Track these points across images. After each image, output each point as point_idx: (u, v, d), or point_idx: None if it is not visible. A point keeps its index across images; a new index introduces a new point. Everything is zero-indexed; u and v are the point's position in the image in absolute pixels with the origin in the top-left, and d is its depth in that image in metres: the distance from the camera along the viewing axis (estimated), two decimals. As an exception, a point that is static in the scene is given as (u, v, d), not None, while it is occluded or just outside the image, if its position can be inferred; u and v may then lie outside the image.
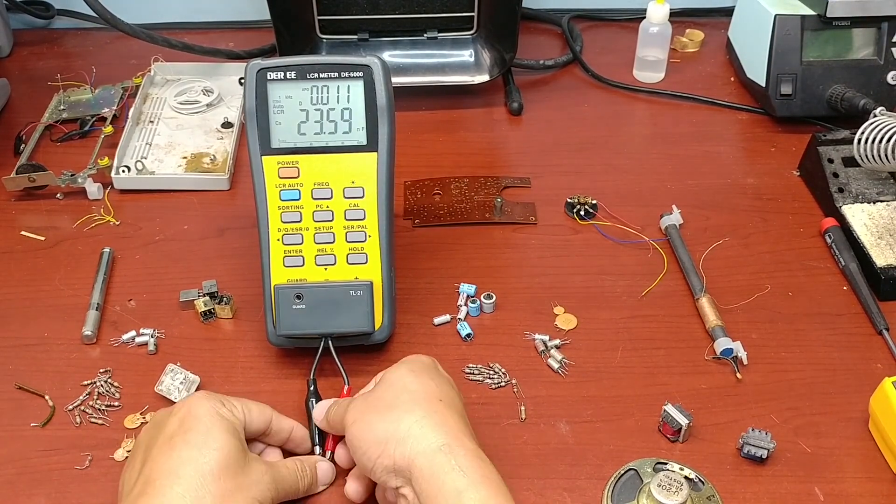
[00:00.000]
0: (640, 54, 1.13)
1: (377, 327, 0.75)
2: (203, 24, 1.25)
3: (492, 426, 0.73)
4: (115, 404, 0.74)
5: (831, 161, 0.92)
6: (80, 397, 0.74)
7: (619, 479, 0.68)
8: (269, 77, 0.74)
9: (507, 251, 0.89)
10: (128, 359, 0.78)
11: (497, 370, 0.77)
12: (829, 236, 0.88)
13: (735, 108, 1.09)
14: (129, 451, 0.70)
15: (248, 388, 0.75)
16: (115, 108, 1.04)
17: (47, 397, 0.74)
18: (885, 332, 0.80)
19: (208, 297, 0.81)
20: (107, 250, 0.87)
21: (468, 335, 0.80)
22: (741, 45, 1.12)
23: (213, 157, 0.98)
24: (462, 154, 1.02)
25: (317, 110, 0.74)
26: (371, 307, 0.74)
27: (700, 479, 0.67)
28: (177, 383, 0.74)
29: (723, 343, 0.77)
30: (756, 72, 1.06)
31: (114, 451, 0.70)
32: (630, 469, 0.68)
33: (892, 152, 0.84)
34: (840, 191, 0.91)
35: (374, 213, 0.75)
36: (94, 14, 1.04)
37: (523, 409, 0.74)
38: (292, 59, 0.74)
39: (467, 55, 1.10)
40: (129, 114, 1.02)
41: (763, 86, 1.04)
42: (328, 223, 0.75)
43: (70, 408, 0.74)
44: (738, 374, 0.76)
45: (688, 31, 1.22)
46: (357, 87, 0.74)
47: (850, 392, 0.75)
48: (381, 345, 0.78)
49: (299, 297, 0.73)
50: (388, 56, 1.09)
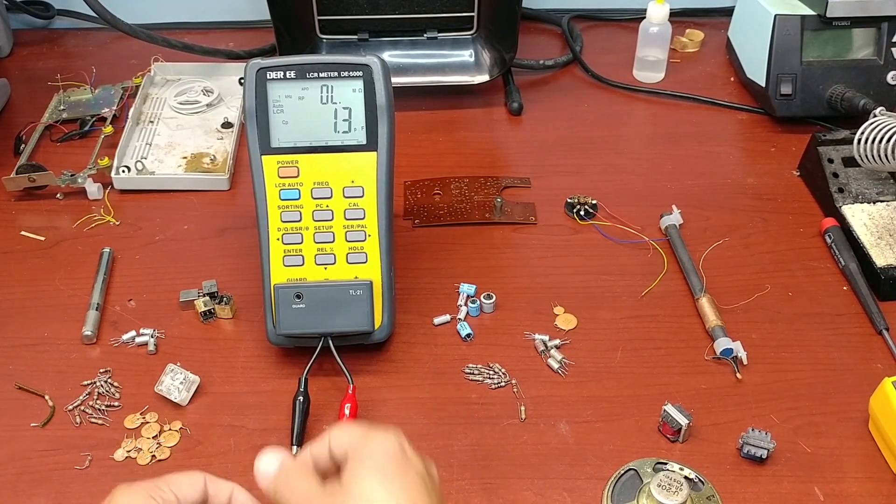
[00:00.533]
0: (640, 54, 1.13)
1: (377, 327, 0.75)
2: (203, 24, 1.25)
3: (492, 426, 0.73)
4: (115, 404, 0.74)
5: (831, 161, 0.92)
6: (80, 397, 0.74)
7: (619, 479, 0.68)
8: (268, 77, 0.74)
9: (507, 251, 0.89)
10: (128, 359, 0.78)
11: (497, 370, 0.77)
12: (829, 236, 0.88)
13: (735, 108, 1.09)
14: (129, 451, 0.70)
15: (247, 388, 0.75)
16: (115, 108, 1.04)
17: (47, 397, 0.74)
18: (885, 332, 0.80)
19: (208, 297, 0.81)
20: (107, 250, 0.87)
21: (468, 335, 0.80)
22: (741, 45, 1.12)
23: (213, 157, 0.98)
24: (462, 154, 1.02)
25: (316, 110, 0.74)
26: (371, 306, 0.74)
27: (700, 479, 0.67)
28: (177, 383, 0.74)
29: (723, 343, 0.77)
30: (756, 72, 1.06)
31: (114, 452, 0.70)
32: (630, 469, 0.68)
33: (892, 152, 0.84)
34: (840, 191, 0.91)
35: (373, 213, 0.75)
36: (94, 14, 1.04)
37: (523, 409, 0.74)
38: (292, 58, 0.74)
39: (467, 55, 1.10)
40: (129, 114, 1.02)
41: (763, 86, 1.04)
42: (328, 223, 0.75)
43: (70, 408, 0.74)
44: (738, 374, 0.76)
45: (688, 31, 1.22)
46: (357, 87, 0.74)
47: (850, 392, 0.75)
48: (380, 344, 0.78)
49: (299, 297, 0.73)
50: (388, 56, 1.09)
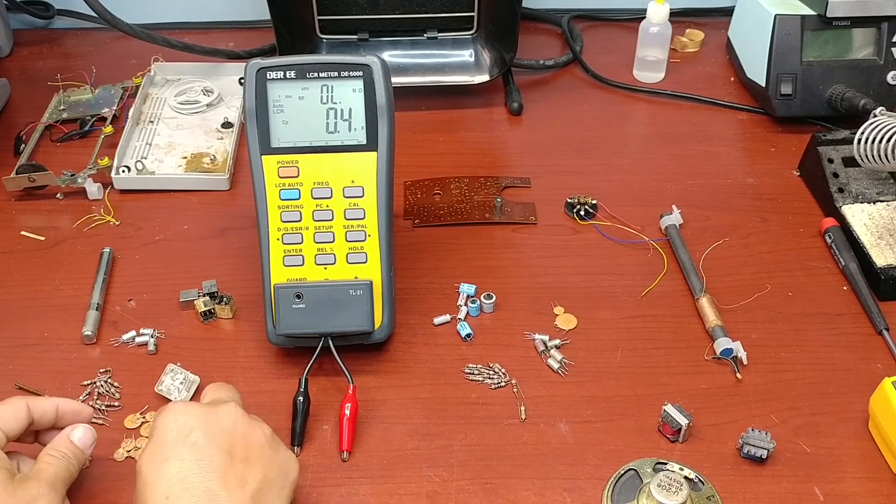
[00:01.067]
0: (640, 54, 1.13)
1: (377, 327, 0.75)
2: (203, 24, 1.25)
3: (492, 426, 0.73)
4: (115, 404, 0.74)
5: (831, 161, 0.92)
6: (80, 397, 0.74)
7: (619, 479, 0.68)
8: (268, 76, 0.74)
9: (507, 251, 0.89)
10: (128, 359, 0.78)
11: (497, 370, 0.77)
12: (829, 236, 0.88)
13: (735, 108, 1.09)
14: (129, 451, 0.70)
15: (248, 388, 0.75)
16: (115, 108, 1.04)
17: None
18: (885, 332, 0.80)
19: (208, 297, 0.81)
20: (107, 250, 0.87)
21: (468, 335, 0.80)
22: (741, 45, 1.12)
23: (213, 157, 0.98)
24: (462, 154, 1.02)
25: (316, 110, 0.74)
26: (371, 306, 0.74)
27: (700, 479, 0.67)
28: (177, 383, 0.74)
29: (723, 343, 0.77)
30: (756, 72, 1.06)
31: (114, 451, 0.70)
32: (630, 469, 0.68)
33: (892, 152, 0.84)
34: (840, 191, 0.91)
35: (373, 213, 0.75)
36: (94, 14, 1.04)
37: (523, 409, 0.74)
38: (292, 58, 0.74)
39: (467, 55, 1.10)
40: (129, 114, 1.02)
41: (763, 86, 1.04)
42: (328, 222, 0.75)
43: (70, 408, 0.74)
44: (738, 374, 0.76)
45: (688, 31, 1.22)
46: (357, 87, 0.74)
47: (850, 392, 0.75)
48: (380, 344, 0.78)
49: (299, 297, 0.73)
50: (388, 56, 1.09)
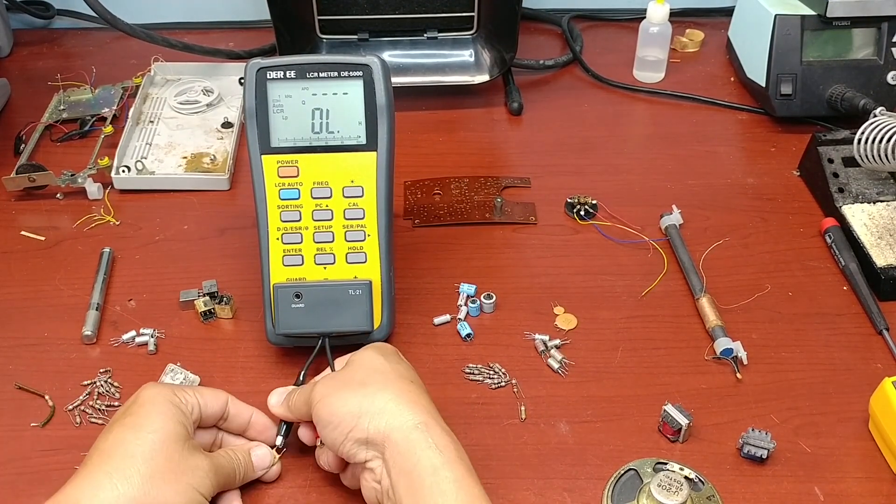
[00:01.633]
0: (640, 54, 1.13)
1: (376, 326, 0.75)
2: (203, 24, 1.25)
3: (492, 426, 0.73)
4: (116, 404, 0.74)
5: (831, 161, 0.92)
6: (80, 397, 0.74)
7: (619, 479, 0.68)
8: (268, 76, 0.74)
9: (507, 251, 0.89)
10: (128, 359, 0.78)
11: (497, 370, 0.77)
12: (829, 236, 0.88)
13: (735, 108, 1.09)
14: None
15: (247, 388, 0.75)
16: (115, 108, 1.04)
17: (47, 397, 0.74)
18: (885, 332, 0.80)
19: (208, 297, 0.81)
20: (107, 250, 0.87)
21: (468, 335, 0.80)
22: (741, 45, 1.12)
23: (213, 157, 0.98)
24: (462, 154, 1.02)
25: (316, 109, 0.74)
26: (370, 306, 0.74)
27: (700, 479, 0.67)
28: (177, 383, 0.74)
29: (723, 343, 0.77)
30: (756, 72, 1.06)
31: (113, 451, 0.70)
32: (630, 469, 0.68)
33: (892, 152, 0.84)
34: (840, 191, 0.91)
35: (373, 213, 0.75)
36: (94, 14, 1.04)
37: (523, 409, 0.74)
38: (292, 58, 0.74)
39: (467, 55, 1.10)
40: (129, 114, 1.02)
41: (763, 86, 1.04)
42: (327, 222, 0.75)
43: (70, 408, 0.74)
44: (738, 374, 0.76)
45: (688, 31, 1.22)
46: (356, 87, 0.74)
47: (850, 392, 0.75)
48: (380, 345, 0.78)
49: (298, 296, 0.73)
50: (388, 56, 1.09)
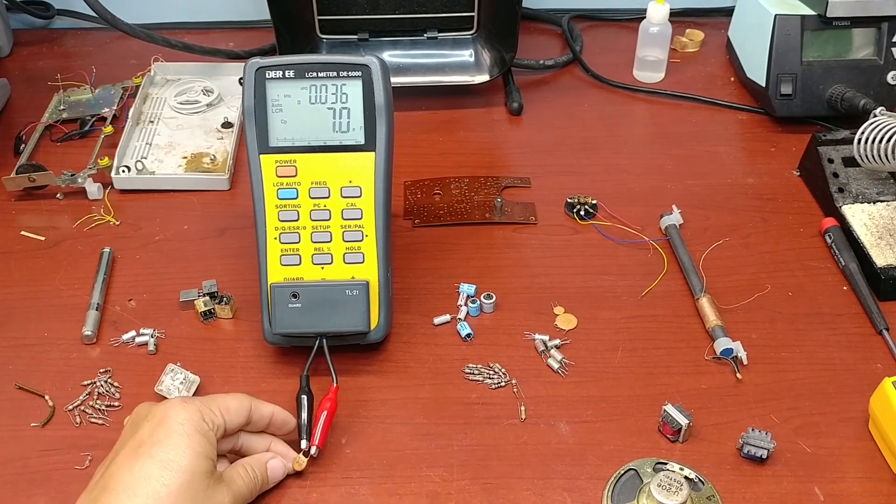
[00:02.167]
0: (640, 54, 1.13)
1: (373, 327, 0.75)
2: (203, 24, 1.25)
3: (492, 426, 0.72)
4: (115, 404, 0.74)
5: (831, 161, 0.92)
6: (80, 397, 0.74)
7: (619, 479, 0.68)
8: (267, 76, 0.74)
9: (507, 251, 0.89)
10: (128, 359, 0.78)
11: (497, 370, 0.77)
12: (829, 236, 0.88)
13: (735, 108, 1.09)
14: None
15: (247, 388, 0.75)
16: (115, 108, 1.04)
17: (47, 397, 0.74)
18: (885, 332, 0.79)
19: (208, 297, 0.81)
20: (107, 250, 0.87)
21: (468, 335, 0.79)
22: (741, 45, 1.12)
23: (213, 157, 0.98)
24: (462, 154, 1.02)
25: (315, 109, 0.74)
26: (367, 307, 0.74)
27: (700, 479, 0.67)
28: (177, 383, 0.74)
29: (723, 343, 0.77)
30: (756, 72, 1.06)
31: (113, 451, 0.70)
32: (630, 469, 0.68)
33: (892, 152, 0.84)
34: (840, 191, 0.91)
35: (371, 213, 0.75)
36: (94, 14, 1.04)
37: (523, 409, 0.74)
38: (291, 57, 0.74)
39: (467, 55, 1.10)
40: (129, 114, 1.02)
41: (763, 86, 1.04)
42: (325, 222, 0.75)
43: (70, 408, 0.74)
44: (738, 374, 0.76)
45: (688, 31, 1.22)
46: (355, 87, 0.74)
47: (850, 392, 0.75)
48: (380, 344, 0.78)
49: (295, 296, 0.73)
50: (388, 56, 1.09)
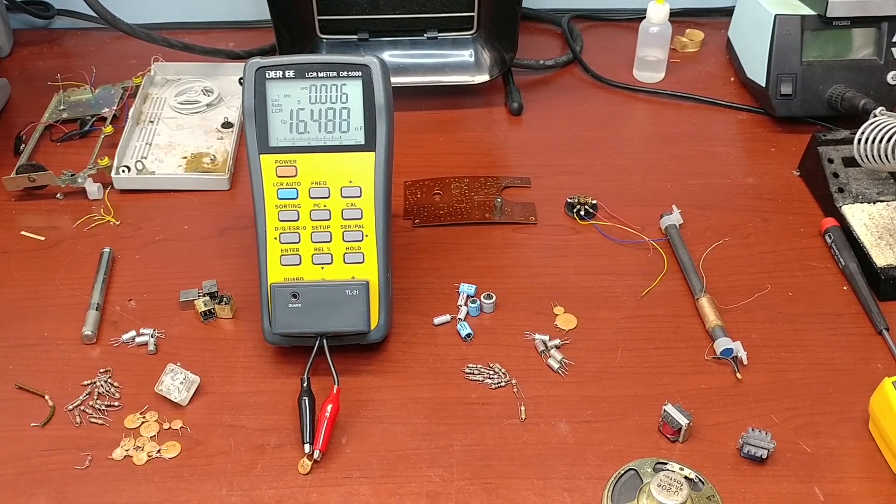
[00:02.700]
0: (640, 54, 1.13)
1: (373, 327, 0.75)
2: (203, 24, 1.25)
3: (492, 426, 0.72)
4: (115, 404, 0.74)
5: (831, 161, 0.92)
6: (80, 397, 0.74)
7: (619, 479, 0.68)
8: (267, 76, 0.74)
9: (507, 251, 0.89)
10: (128, 359, 0.78)
11: (497, 370, 0.77)
12: (829, 236, 0.88)
13: (735, 108, 1.09)
14: (127, 451, 0.70)
15: (247, 388, 0.75)
16: (115, 108, 1.04)
17: (47, 397, 0.74)
18: (885, 332, 0.79)
19: (208, 297, 0.81)
20: (107, 250, 0.87)
21: (468, 335, 0.79)
22: (741, 45, 1.12)
23: (213, 157, 0.98)
24: (462, 154, 1.02)
25: (315, 109, 0.74)
26: (367, 307, 0.74)
27: (700, 479, 0.67)
28: (177, 383, 0.74)
29: (723, 343, 0.77)
30: (756, 72, 1.06)
31: (113, 452, 0.70)
32: (630, 469, 0.68)
33: (892, 152, 0.84)
34: (840, 191, 0.91)
35: (371, 213, 0.75)
36: (94, 14, 1.04)
37: (523, 409, 0.74)
38: (291, 57, 0.75)
39: (467, 55, 1.10)
40: (129, 114, 1.02)
41: (763, 86, 1.04)
42: (325, 222, 0.75)
43: (70, 408, 0.74)
44: (738, 374, 0.76)
45: (688, 31, 1.22)
46: (355, 87, 0.74)
47: (850, 392, 0.75)
48: (380, 344, 0.78)
49: (295, 296, 0.73)
50: (388, 56, 1.09)
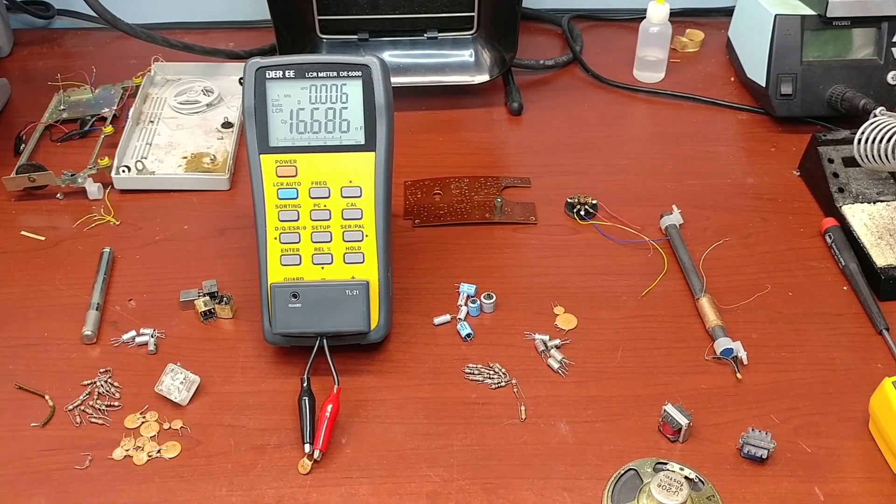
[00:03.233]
0: (640, 54, 1.13)
1: (373, 327, 0.75)
2: (203, 24, 1.25)
3: (492, 426, 0.73)
4: (115, 404, 0.74)
5: (831, 161, 0.92)
6: (80, 397, 0.74)
7: (619, 479, 0.68)
8: (267, 76, 0.74)
9: (507, 251, 0.89)
10: (128, 359, 0.78)
11: (497, 370, 0.77)
12: (829, 236, 0.88)
13: (735, 108, 1.09)
14: (127, 451, 0.70)
15: (247, 388, 0.75)
16: (115, 108, 1.04)
17: (47, 397, 0.74)
18: (885, 332, 0.79)
19: (208, 297, 0.81)
20: (107, 250, 0.87)
21: (468, 335, 0.79)
22: (741, 45, 1.12)
23: (213, 157, 0.98)
24: (462, 154, 1.02)
25: (315, 109, 0.74)
26: (367, 307, 0.74)
27: (700, 479, 0.67)
28: (177, 383, 0.74)
29: (723, 343, 0.77)
30: (756, 72, 1.06)
31: (113, 451, 0.70)
32: (630, 469, 0.68)
33: (892, 152, 0.84)
34: (840, 191, 0.91)
35: (371, 213, 0.75)
36: (94, 14, 1.04)
37: (523, 409, 0.74)
38: (291, 57, 0.75)
39: (467, 55, 1.10)
40: (129, 114, 1.02)
41: (763, 86, 1.04)
42: (325, 222, 0.75)
43: (70, 408, 0.74)
44: (738, 374, 0.76)
45: (688, 31, 1.22)
46: (355, 87, 0.74)
47: (850, 392, 0.75)
48: (380, 344, 0.78)
49: (295, 296, 0.73)
50: (388, 56, 1.09)
